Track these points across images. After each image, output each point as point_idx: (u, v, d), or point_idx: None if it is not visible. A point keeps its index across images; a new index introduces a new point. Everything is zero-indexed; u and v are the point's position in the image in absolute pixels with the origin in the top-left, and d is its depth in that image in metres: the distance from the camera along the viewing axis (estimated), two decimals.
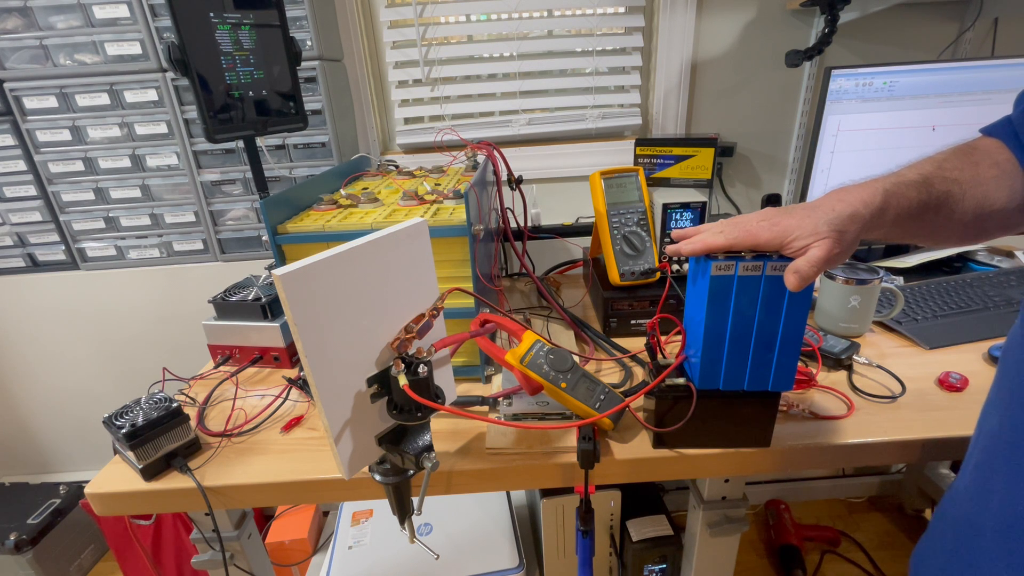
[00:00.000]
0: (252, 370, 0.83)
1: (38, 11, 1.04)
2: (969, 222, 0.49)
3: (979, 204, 0.48)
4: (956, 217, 0.49)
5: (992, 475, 0.40)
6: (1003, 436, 0.39)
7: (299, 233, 0.72)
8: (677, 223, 0.84)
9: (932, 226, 0.50)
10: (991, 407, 0.43)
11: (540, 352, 0.61)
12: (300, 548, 1.20)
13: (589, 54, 1.24)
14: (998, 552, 0.38)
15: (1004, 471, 0.38)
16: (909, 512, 1.51)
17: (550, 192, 1.33)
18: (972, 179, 0.48)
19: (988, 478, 0.40)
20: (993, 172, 0.49)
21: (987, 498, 0.39)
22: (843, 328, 0.82)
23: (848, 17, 1.16)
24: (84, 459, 1.53)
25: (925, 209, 0.48)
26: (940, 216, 0.49)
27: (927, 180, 0.48)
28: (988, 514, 0.39)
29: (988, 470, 0.41)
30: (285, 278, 0.41)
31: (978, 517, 0.40)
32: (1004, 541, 0.37)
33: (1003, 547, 0.37)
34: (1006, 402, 0.40)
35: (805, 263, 0.46)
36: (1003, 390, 0.41)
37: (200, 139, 1.14)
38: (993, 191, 0.48)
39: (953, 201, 0.48)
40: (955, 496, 0.45)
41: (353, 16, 1.18)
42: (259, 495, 0.61)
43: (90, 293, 1.29)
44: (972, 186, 0.48)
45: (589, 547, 0.65)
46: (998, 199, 0.48)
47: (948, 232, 0.51)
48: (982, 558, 0.39)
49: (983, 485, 0.41)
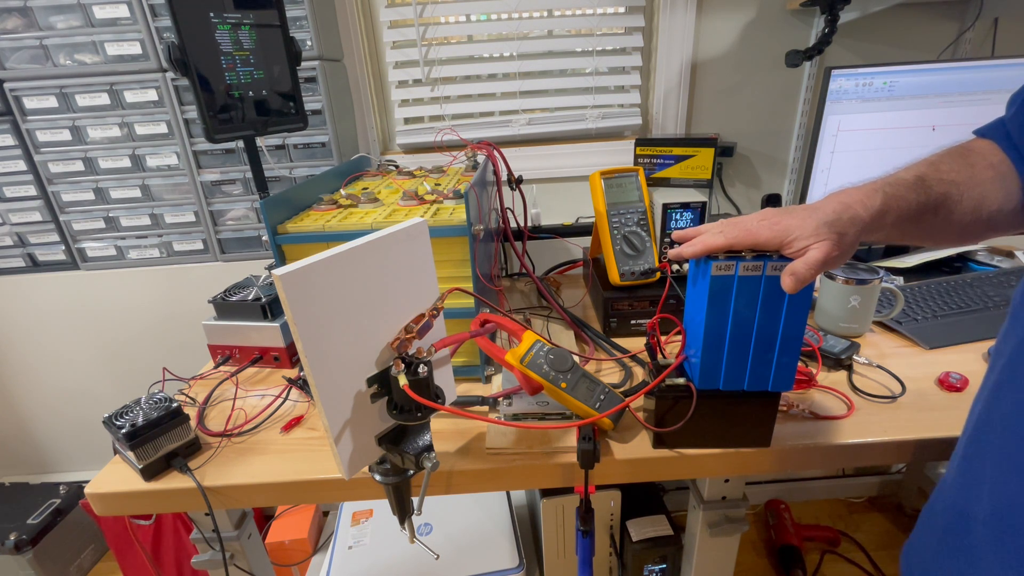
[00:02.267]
0: (252, 370, 0.83)
1: (38, 11, 1.04)
2: (967, 223, 0.49)
3: (976, 205, 0.49)
4: (954, 219, 0.49)
5: (982, 464, 0.40)
6: (991, 425, 0.40)
7: (299, 233, 0.72)
8: (677, 223, 0.84)
9: (931, 228, 0.50)
10: (980, 398, 0.43)
11: (540, 352, 0.61)
12: (300, 548, 1.20)
13: (589, 54, 1.24)
14: (989, 541, 0.38)
15: (993, 460, 0.39)
16: (909, 512, 1.51)
17: (550, 192, 1.33)
18: (969, 180, 0.49)
19: (978, 468, 0.40)
20: (989, 173, 0.49)
21: (977, 488, 0.40)
22: (843, 328, 0.82)
23: (848, 17, 1.16)
24: (84, 459, 1.53)
25: (924, 211, 0.48)
26: (938, 218, 0.49)
27: (925, 182, 0.48)
28: (978, 504, 0.39)
29: (977, 460, 0.41)
30: (285, 278, 0.41)
31: (968, 507, 0.40)
32: (995, 530, 0.37)
33: (994, 536, 0.37)
34: (994, 392, 0.40)
35: (802, 265, 0.46)
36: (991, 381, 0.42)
37: (200, 139, 1.14)
38: (990, 192, 0.49)
39: (951, 203, 0.48)
40: (944, 488, 0.45)
41: (353, 16, 1.18)
42: (259, 495, 0.61)
43: (90, 293, 1.29)
44: (969, 187, 0.49)
45: (589, 547, 0.65)
46: (995, 200, 0.49)
47: (946, 233, 0.51)
48: (973, 547, 0.39)
49: (972, 475, 0.41)
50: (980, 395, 0.43)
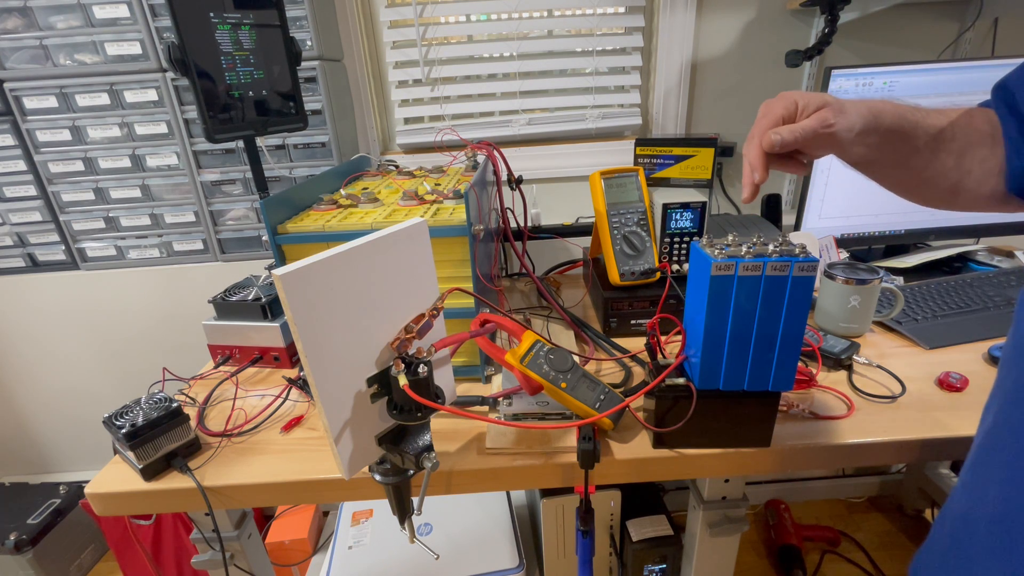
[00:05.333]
0: (252, 370, 0.83)
1: (38, 11, 1.04)
2: (948, 169, 0.52)
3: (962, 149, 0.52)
4: (939, 158, 0.52)
5: (989, 471, 0.40)
6: (1000, 431, 0.39)
7: (299, 233, 0.72)
8: (677, 223, 0.84)
9: (917, 158, 0.53)
10: (989, 406, 0.43)
11: (540, 352, 0.61)
12: (300, 548, 1.20)
13: (589, 54, 1.24)
14: (990, 545, 0.38)
15: (1000, 465, 0.38)
16: (909, 512, 1.51)
17: (550, 192, 1.33)
18: (965, 126, 0.52)
19: (985, 474, 0.40)
20: (986, 128, 0.51)
21: (983, 493, 0.40)
22: (843, 328, 0.82)
23: (848, 17, 1.16)
24: (84, 459, 1.53)
25: (916, 131, 0.51)
26: (926, 150, 0.52)
27: (925, 109, 0.53)
28: (983, 509, 0.39)
29: (984, 466, 0.41)
30: (285, 278, 0.41)
31: (972, 512, 0.40)
32: (996, 534, 0.37)
33: (995, 540, 0.37)
34: (1002, 399, 0.40)
35: (786, 128, 0.50)
36: (1000, 388, 0.41)
37: (200, 139, 1.14)
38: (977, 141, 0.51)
39: (943, 140, 0.52)
40: (953, 496, 0.45)
41: (353, 16, 1.18)
42: (259, 495, 0.61)
43: (90, 293, 1.29)
44: (963, 131, 0.52)
45: (589, 547, 0.65)
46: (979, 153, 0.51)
47: (929, 173, 0.53)
48: (975, 552, 0.39)
49: (979, 481, 0.41)
50: (991, 404, 0.43)
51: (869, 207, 1.05)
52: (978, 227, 1.09)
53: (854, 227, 1.07)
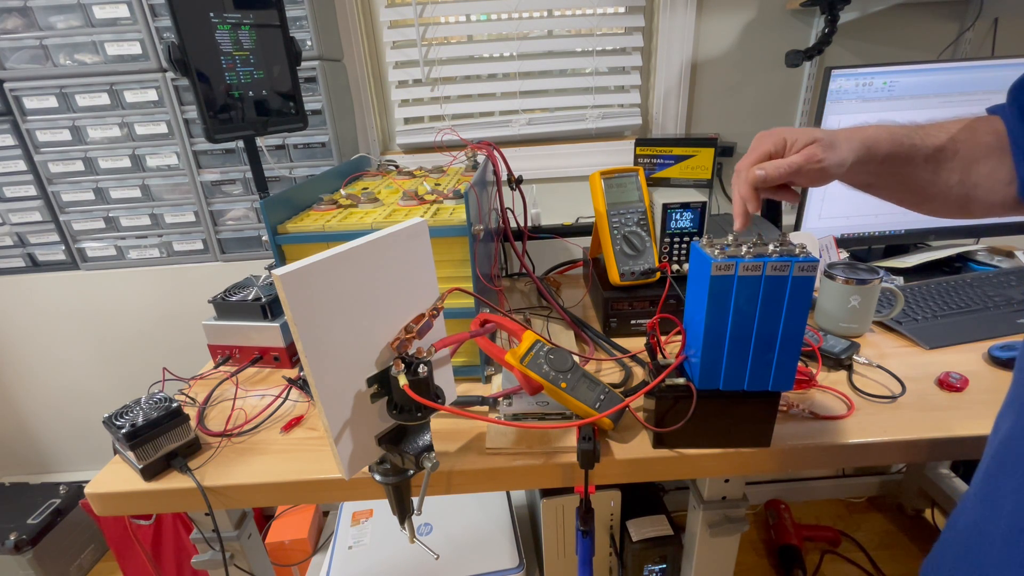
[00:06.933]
0: (252, 370, 0.83)
1: (38, 11, 1.04)
2: (953, 184, 0.51)
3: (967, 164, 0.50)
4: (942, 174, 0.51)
5: (1003, 480, 0.39)
6: (1016, 443, 0.39)
7: (299, 233, 0.72)
8: (677, 223, 0.84)
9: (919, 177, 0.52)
10: (1004, 413, 0.42)
11: (540, 352, 0.61)
12: (300, 548, 1.20)
13: (589, 54, 1.24)
14: (1007, 558, 0.37)
15: (1015, 476, 0.38)
16: (909, 512, 1.51)
17: (550, 192, 1.33)
18: (967, 140, 0.51)
19: (998, 484, 0.40)
20: (989, 139, 0.50)
21: (997, 504, 0.39)
22: (843, 328, 0.82)
23: (848, 17, 1.16)
24: (84, 459, 1.53)
25: (915, 153, 0.50)
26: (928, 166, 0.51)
27: (924, 128, 0.51)
28: (998, 520, 0.38)
29: (999, 476, 0.40)
30: (285, 278, 0.41)
31: (987, 523, 0.40)
32: (1014, 547, 0.37)
33: (1013, 553, 0.37)
34: (1019, 409, 0.39)
35: (772, 164, 0.49)
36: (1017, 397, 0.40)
37: (200, 139, 1.14)
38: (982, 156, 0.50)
39: (945, 155, 0.50)
40: (965, 505, 0.44)
41: (353, 16, 1.18)
42: (259, 495, 0.61)
43: (90, 293, 1.29)
44: (966, 146, 0.50)
45: (589, 547, 0.65)
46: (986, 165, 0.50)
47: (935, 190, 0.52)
48: (990, 564, 0.39)
49: (993, 491, 0.40)
50: (1006, 413, 0.42)
51: (869, 207, 1.05)
52: (978, 227, 1.09)
53: (854, 227, 1.07)
